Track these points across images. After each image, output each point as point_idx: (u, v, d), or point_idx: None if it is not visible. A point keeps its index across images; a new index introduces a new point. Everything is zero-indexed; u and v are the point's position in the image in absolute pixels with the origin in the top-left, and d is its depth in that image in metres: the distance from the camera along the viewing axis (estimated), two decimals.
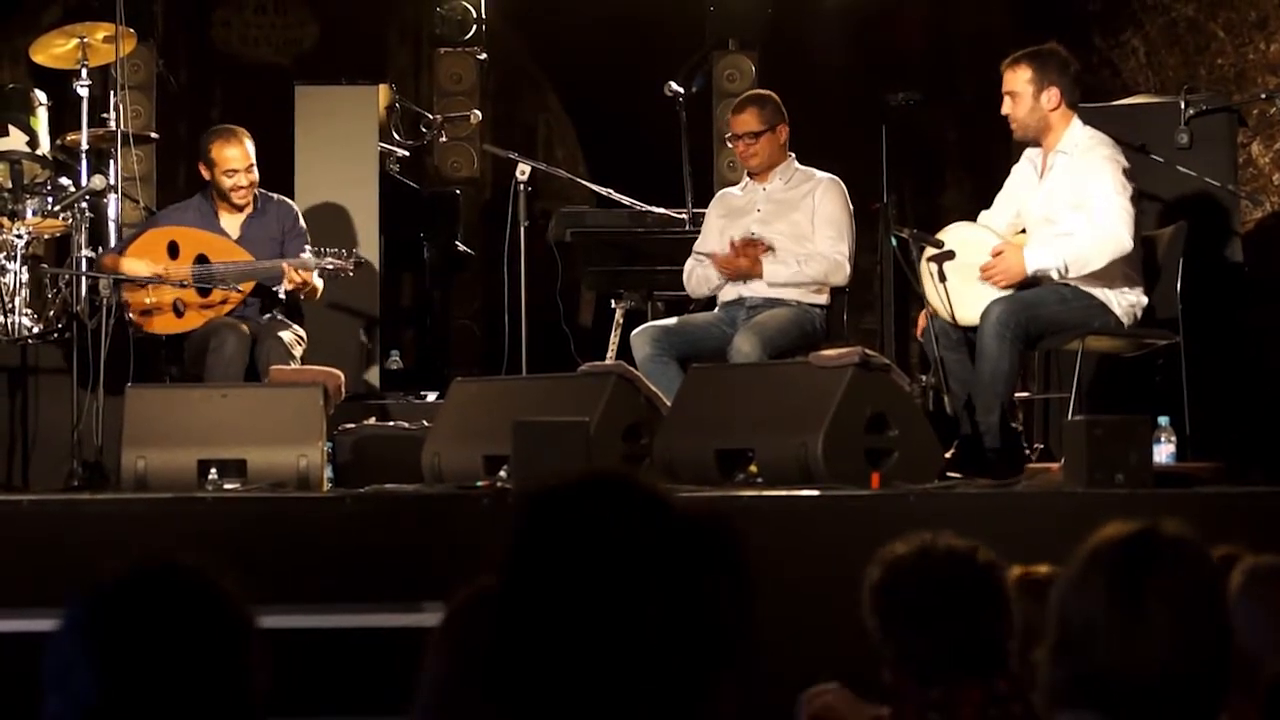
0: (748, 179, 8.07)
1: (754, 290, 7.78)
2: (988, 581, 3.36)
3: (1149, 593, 2.40)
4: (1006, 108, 7.27)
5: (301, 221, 8.37)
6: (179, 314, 8.06)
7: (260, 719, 2.10)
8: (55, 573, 5.05)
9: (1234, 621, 3.24)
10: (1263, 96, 8.88)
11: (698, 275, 7.94)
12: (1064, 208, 7.16)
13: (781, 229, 7.82)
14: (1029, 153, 7.40)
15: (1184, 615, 2.40)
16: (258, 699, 2.09)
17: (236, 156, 8.16)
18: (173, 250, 8.14)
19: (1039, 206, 7.27)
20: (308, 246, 8.16)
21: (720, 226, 7.95)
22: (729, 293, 7.85)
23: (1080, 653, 2.39)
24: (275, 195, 8.45)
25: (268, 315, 8.10)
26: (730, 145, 8.25)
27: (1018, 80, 7.24)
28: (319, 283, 8.08)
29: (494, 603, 1.91)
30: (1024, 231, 7.34)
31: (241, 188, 8.17)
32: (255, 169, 8.22)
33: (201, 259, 8.11)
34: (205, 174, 8.25)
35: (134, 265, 8.08)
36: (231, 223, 8.26)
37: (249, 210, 8.26)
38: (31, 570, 5.26)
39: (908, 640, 3.35)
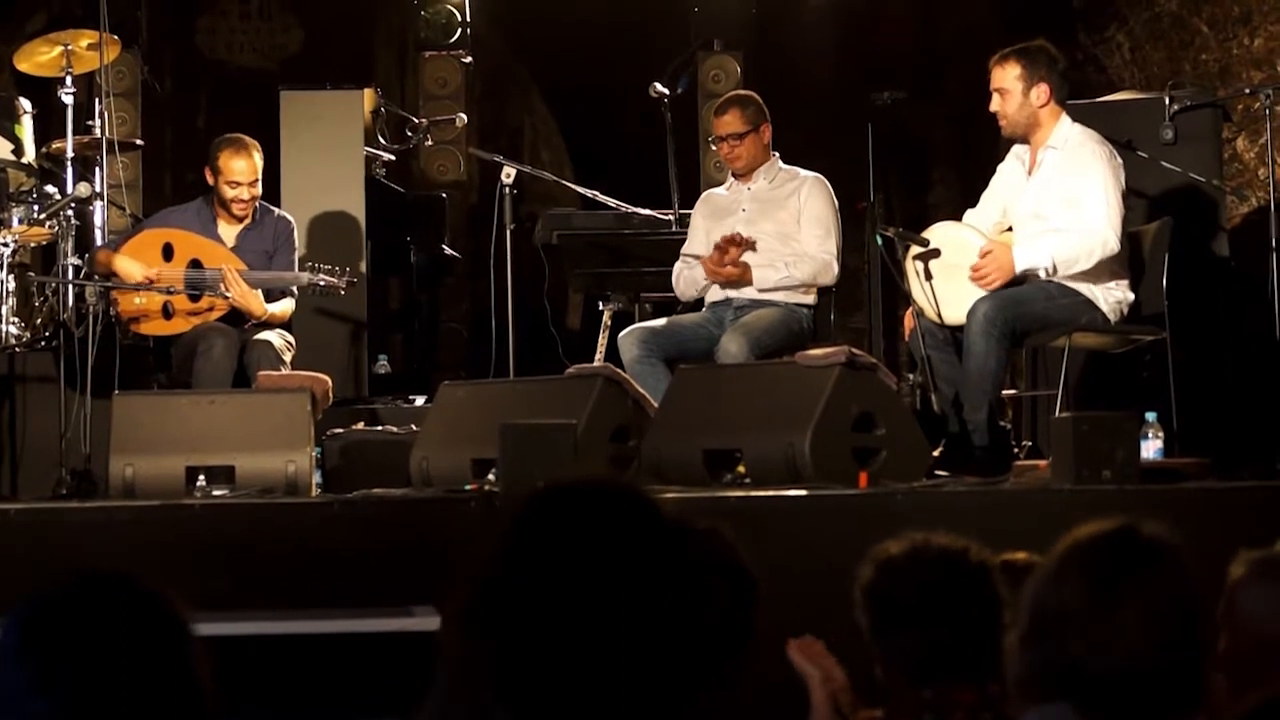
0: (732, 179, 8.07)
1: (741, 291, 7.78)
2: (980, 583, 3.33)
3: (1124, 586, 2.43)
4: (995, 105, 7.26)
5: (295, 238, 8.39)
6: (168, 316, 8.06)
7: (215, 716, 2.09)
8: (43, 581, 5.04)
9: (1239, 614, 3.26)
10: (1247, 91, 8.88)
11: (686, 277, 7.94)
12: (1054, 203, 7.15)
13: (767, 229, 7.82)
14: (1016, 149, 7.39)
15: (1157, 611, 2.43)
16: (209, 701, 2.08)
17: (243, 169, 8.17)
18: (167, 252, 8.14)
19: (1028, 203, 7.26)
20: (296, 260, 8.22)
21: (706, 228, 7.95)
22: (716, 294, 7.85)
23: (1051, 642, 2.42)
24: (276, 210, 8.47)
25: (255, 321, 8.10)
26: (714, 147, 8.22)
27: (1006, 77, 7.23)
28: (260, 305, 8.05)
29: (482, 606, 1.91)
30: (1010, 230, 7.34)
31: (242, 201, 8.18)
32: (259, 184, 8.25)
33: (195, 264, 8.11)
34: (209, 179, 8.26)
35: (127, 264, 8.07)
36: (229, 231, 8.27)
37: (247, 221, 8.26)
38: (19, 579, 5.25)
39: (899, 641, 3.34)
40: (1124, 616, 2.42)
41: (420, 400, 8.80)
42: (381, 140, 10.09)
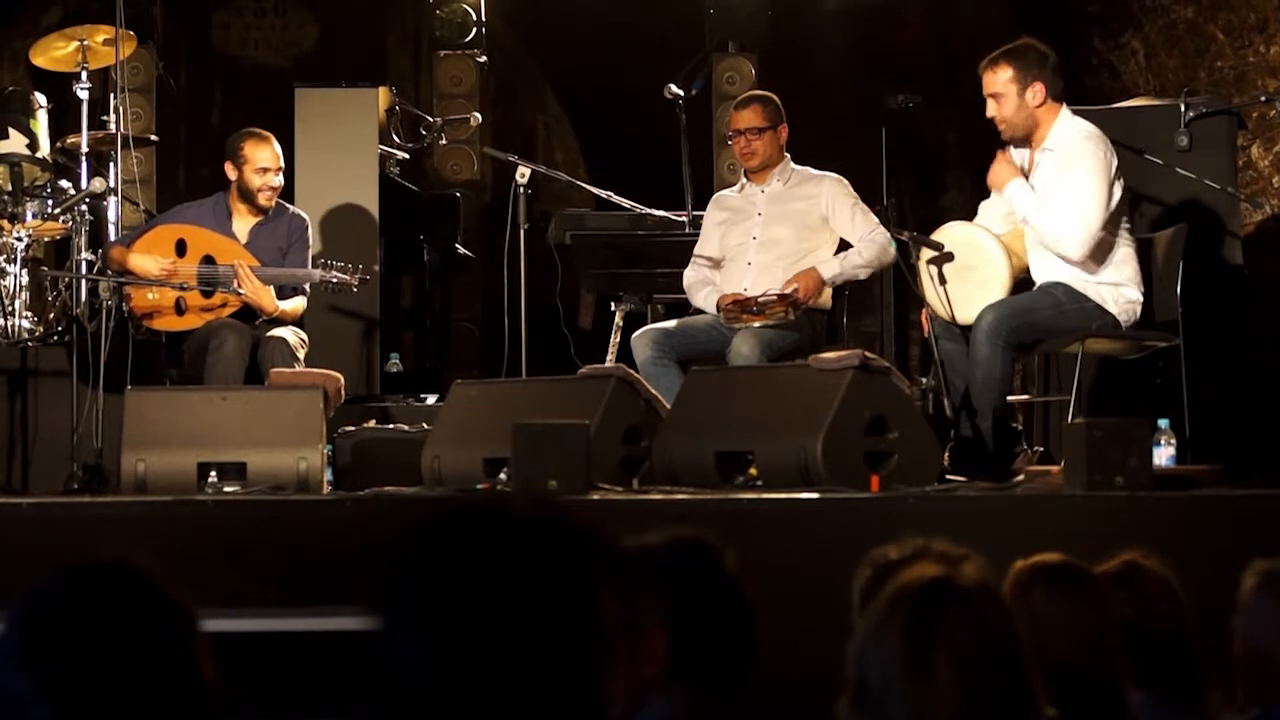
0: (745, 180, 8.05)
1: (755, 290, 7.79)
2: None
3: (939, 650, 2.35)
4: (991, 110, 7.19)
5: (309, 234, 8.40)
6: (180, 312, 8.07)
7: (218, 713, 2.07)
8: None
9: (1252, 622, 3.27)
10: (1262, 99, 8.87)
11: (703, 294, 7.87)
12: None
13: (783, 233, 7.80)
14: (1014, 154, 7.34)
15: (973, 671, 2.36)
16: (212, 692, 2.06)
17: (269, 157, 8.22)
18: (180, 248, 8.15)
19: None
20: (309, 258, 8.23)
21: (721, 232, 7.94)
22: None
23: (877, 710, 2.36)
24: (291, 207, 8.49)
25: (266, 317, 8.11)
26: (730, 143, 8.16)
27: (999, 81, 7.17)
28: (271, 302, 8.06)
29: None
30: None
31: (271, 187, 8.22)
32: (282, 174, 8.28)
33: (208, 260, 8.12)
34: (231, 173, 8.26)
35: (141, 260, 8.09)
36: (243, 227, 8.28)
37: (261, 216, 8.28)
38: (30, 574, 5.25)
39: None
40: (939, 684, 2.34)
41: (432, 399, 8.80)
42: (396, 138, 10.10)
